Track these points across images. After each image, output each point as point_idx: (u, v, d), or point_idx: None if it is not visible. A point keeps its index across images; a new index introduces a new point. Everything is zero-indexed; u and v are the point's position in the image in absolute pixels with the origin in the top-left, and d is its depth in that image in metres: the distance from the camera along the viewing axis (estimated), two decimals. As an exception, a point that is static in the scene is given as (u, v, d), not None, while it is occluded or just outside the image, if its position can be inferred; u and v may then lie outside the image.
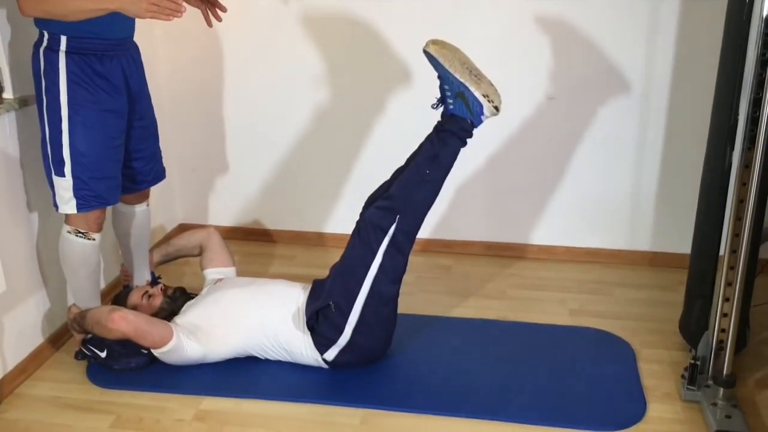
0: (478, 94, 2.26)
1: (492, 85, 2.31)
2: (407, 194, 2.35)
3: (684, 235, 2.66)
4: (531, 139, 3.14)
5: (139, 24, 2.36)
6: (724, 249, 2.16)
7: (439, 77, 2.32)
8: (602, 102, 3.03)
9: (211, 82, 3.30)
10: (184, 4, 2.12)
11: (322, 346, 2.37)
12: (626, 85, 2.99)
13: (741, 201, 2.08)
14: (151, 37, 3.17)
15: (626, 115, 3.04)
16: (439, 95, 2.35)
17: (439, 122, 2.38)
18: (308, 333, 2.38)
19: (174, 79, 3.32)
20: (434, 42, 2.29)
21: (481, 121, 2.33)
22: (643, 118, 3.03)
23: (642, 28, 2.90)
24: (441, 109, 2.37)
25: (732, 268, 2.14)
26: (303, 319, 2.39)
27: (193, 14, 2.47)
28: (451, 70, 2.26)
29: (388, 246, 2.31)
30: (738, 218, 2.10)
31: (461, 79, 2.26)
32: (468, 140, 2.36)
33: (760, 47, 1.96)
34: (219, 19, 2.48)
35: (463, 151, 3.20)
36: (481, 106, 2.28)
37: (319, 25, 3.12)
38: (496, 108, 2.30)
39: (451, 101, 2.32)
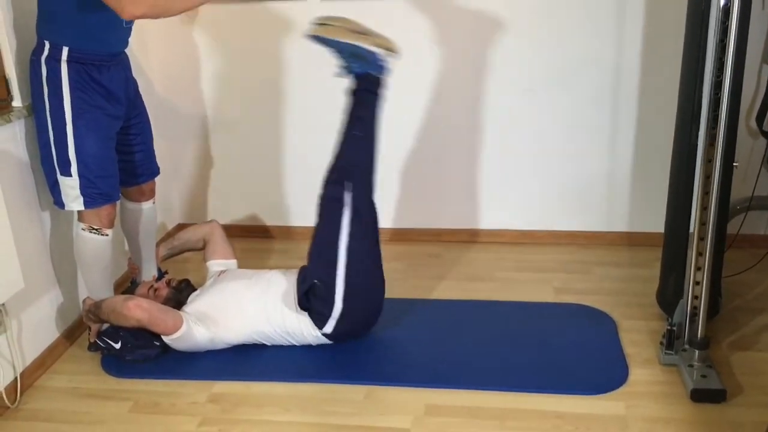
0: (367, 46, 2.42)
1: (381, 36, 2.48)
2: (347, 161, 2.49)
3: (658, 215, 2.81)
4: (512, 129, 3.28)
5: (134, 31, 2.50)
6: (694, 222, 2.34)
7: (333, 50, 2.46)
8: (576, 91, 3.18)
9: (204, 81, 3.42)
10: None
11: (319, 321, 2.50)
12: (599, 74, 3.14)
13: (707, 176, 2.25)
14: (143, 42, 3.28)
15: (599, 102, 3.19)
16: (338, 64, 2.50)
17: (349, 87, 2.52)
18: (304, 314, 2.51)
19: (165, 80, 3.44)
20: (318, 23, 2.45)
21: (382, 68, 2.49)
22: (615, 105, 3.18)
23: (611, 19, 3.05)
24: (349, 76, 2.52)
25: (702, 239, 2.30)
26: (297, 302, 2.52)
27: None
28: (336, 38, 2.41)
29: (351, 213, 2.45)
30: (705, 192, 2.26)
31: (347, 41, 2.42)
32: (379, 92, 2.52)
33: (719, 33, 2.12)
34: None
35: (450, 142, 3.35)
36: (374, 54, 2.44)
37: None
38: (390, 49, 2.46)
39: (349, 63, 2.48)
